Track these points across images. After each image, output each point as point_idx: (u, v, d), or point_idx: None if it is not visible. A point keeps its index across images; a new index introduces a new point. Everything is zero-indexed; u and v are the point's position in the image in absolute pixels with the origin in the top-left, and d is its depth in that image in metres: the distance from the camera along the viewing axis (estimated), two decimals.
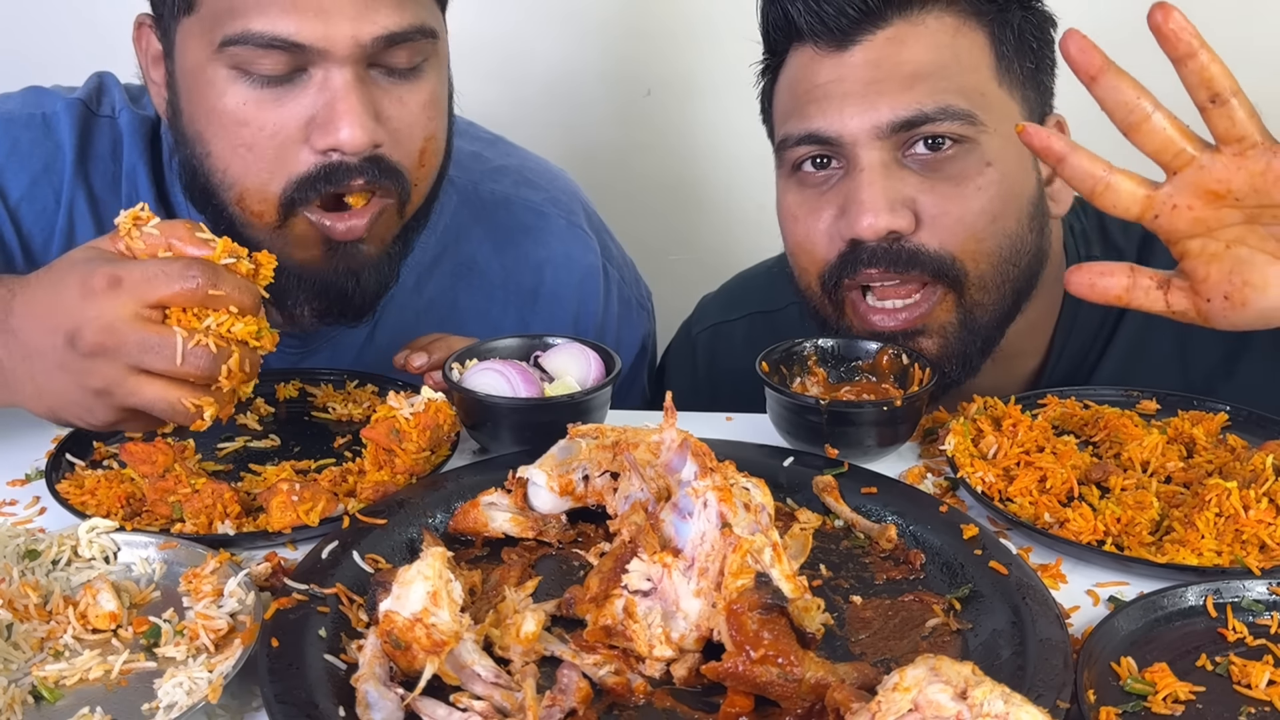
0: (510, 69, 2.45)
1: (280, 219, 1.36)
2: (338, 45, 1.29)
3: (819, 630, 0.89)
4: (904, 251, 1.38)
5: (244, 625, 0.95)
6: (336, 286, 1.40)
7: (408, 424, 1.18)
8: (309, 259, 1.39)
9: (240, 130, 1.33)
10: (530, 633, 0.89)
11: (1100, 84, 1.04)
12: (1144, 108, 1.03)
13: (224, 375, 1.09)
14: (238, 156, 1.34)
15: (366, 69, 1.33)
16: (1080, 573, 1.07)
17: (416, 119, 1.38)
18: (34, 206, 1.49)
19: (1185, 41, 1.01)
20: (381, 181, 1.35)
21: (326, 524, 1.10)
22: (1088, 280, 1.11)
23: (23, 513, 1.19)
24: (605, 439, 1.10)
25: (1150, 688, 0.87)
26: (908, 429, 1.26)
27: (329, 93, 1.31)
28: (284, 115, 1.32)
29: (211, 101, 1.33)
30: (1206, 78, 1.01)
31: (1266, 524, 1.05)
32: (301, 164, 1.33)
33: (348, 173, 1.33)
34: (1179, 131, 1.04)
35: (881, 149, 1.39)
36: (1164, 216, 1.06)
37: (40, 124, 1.50)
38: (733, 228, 2.47)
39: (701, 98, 2.45)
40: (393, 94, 1.36)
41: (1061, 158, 1.08)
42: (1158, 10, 1.01)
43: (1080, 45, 1.04)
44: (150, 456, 1.14)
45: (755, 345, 1.38)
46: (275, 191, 1.34)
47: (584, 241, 1.71)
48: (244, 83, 1.31)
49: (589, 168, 2.43)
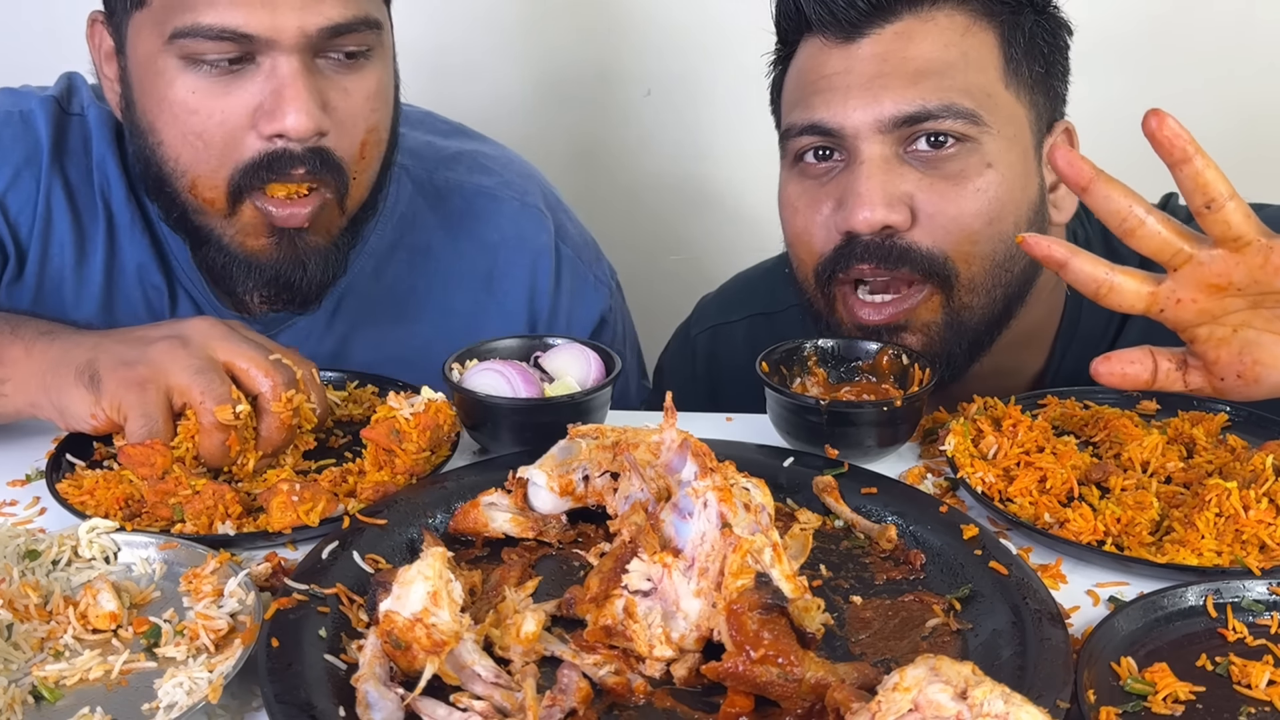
0: (509, 69, 2.45)
1: (229, 207, 1.41)
2: (284, 35, 1.33)
3: (819, 630, 0.89)
4: (896, 248, 1.38)
5: (244, 625, 0.95)
6: (284, 275, 1.45)
7: (408, 424, 1.18)
8: (258, 248, 1.44)
9: (190, 118, 1.37)
10: (530, 633, 0.89)
11: (1091, 194, 1.07)
12: (1137, 215, 1.06)
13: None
14: (188, 144, 1.39)
15: (313, 58, 1.37)
16: (1080, 573, 1.07)
17: (360, 109, 1.43)
18: (19, 197, 1.54)
19: (1180, 148, 1.03)
20: (322, 174, 1.40)
21: (326, 524, 1.10)
22: (1119, 370, 1.13)
23: (23, 513, 1.19)
24: (605, 439, 1.10)
25: (1150, 688, 0.87)
26: (908, 429, 1.26)
27: (276, 80, 1.35)
28: (232, 103, 1.36)
29: (162, 91, 1.38)
30: (1202, 183, 1.03)
31: (1266, 524, 1.05)
32: (248, 150, 1.37)
33: (290, 161, 1.37)
34: (1174, 233, 1.06)
35: (883, 143, 1.39)
36: (1169, 310, 1.09)
37: (19, 120, 1.56)
38: (733, 228, 2.47)
39: (701, 98, 2.45)
40: (338, 84, 1.40)
41: (1064, 263, 1.10)
42: (1152, 117, 1.03)
43: (1068, 158, 1.07)
44: (149, 459, 1.14)
45: (755, 347, 1.37)
46: (224, 178, 1.39)
47: (537, 221, 1.72)
48: (193, 72, 1.36)
49: (589, 168, 2.43)
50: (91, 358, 1.20)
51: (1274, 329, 1.08)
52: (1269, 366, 1.09)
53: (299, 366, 1.24)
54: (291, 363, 1.23)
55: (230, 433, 1.17)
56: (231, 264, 1.45)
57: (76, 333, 1.28)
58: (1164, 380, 1.14)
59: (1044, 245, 1.10)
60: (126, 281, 1.58)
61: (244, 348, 1.21)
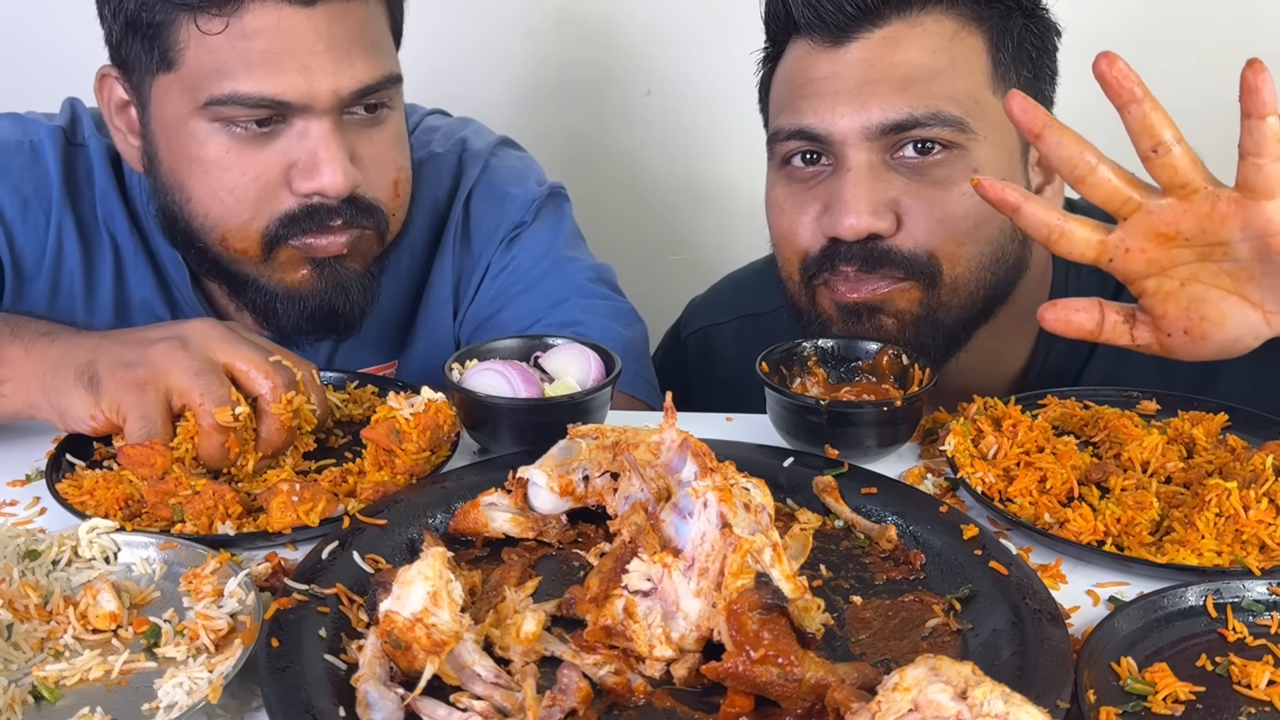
0: (510, 69, 2.45)
1: (264, 254, 1.44)
2: (319, 100, 1.37)
3: (819, 630, 0.89)
4: (879, 251, 1.40)
5: (244, 625, 0.95)
6: (328, 303, 1.48)
7: (408, 424, 1.18)
8: (298, 281, 1.46)
9: (222, 176, 1.40)
10: (530, 633, 0.89)
11: (1044, 140, 1.08)
12: (1088, 161, 1.07)
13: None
14: (219, 200, 1.41)
15: (340, 115, 1.40)
16: (1080, 573, 1.07)
17: (387, 155, 1.47)
18: (26, 226, 1.55)
19: (1128, 89, 1.04)
20: (358, 219, 1.44)
21: (326, 524, 1.10)
22: (1063, 317, 1.14)
23: (23, 513, 1.19)
24: (605, 439, 1.10)
25: (1150, 688, 0.87)
26: (908, 429, 1.26)
27: (310, 141, 1.39)
28: (265, 161, 1.39)
29: (193, 151, 1.40)
30: (1148, 125, 1.04)
31: (1266, 524, 1.05)
32: (283, 204, 1.41)
33: (328, 214, 1.41)
34: (1124, 181, 1.08)
35: (870, 150, 1.39)
36: (1118, 260, 1.10)
37: (29, 150, 1.57)
38: (732, 228, 2.46)
39: (701, 97, 2.45)
40: (365, 136, 1.44)
41: (1016, 208, 1.12)
42: (1102, 59, 1.04)
43: (1023, 105, 1.08)
44: (148, 459, 1.14)
45: (745, 348, 1.38)
46: (258, 230, 1.42)
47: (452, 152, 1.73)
48: (225, 134, 1.39)
49: (589, 167, 2.43)
50: (91, 359, 1.20)
51: (1221, 284, 1.09)
52: (1215, 324, 1.09)
53: (299, 368, 1.24)
54: (291, 364, 1.23)
55: (229, 434, 1.17)
56: (274, 300, 1.47)
57: (76, 334, 1.28)
58: (1110, 332, 1.14)
59: (997, 189, 1.12)
60: (134, 313, 1.59)
61: (244, 349, 1.21)
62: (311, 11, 1.35)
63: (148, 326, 1.29)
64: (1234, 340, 1.11)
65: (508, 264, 1.69)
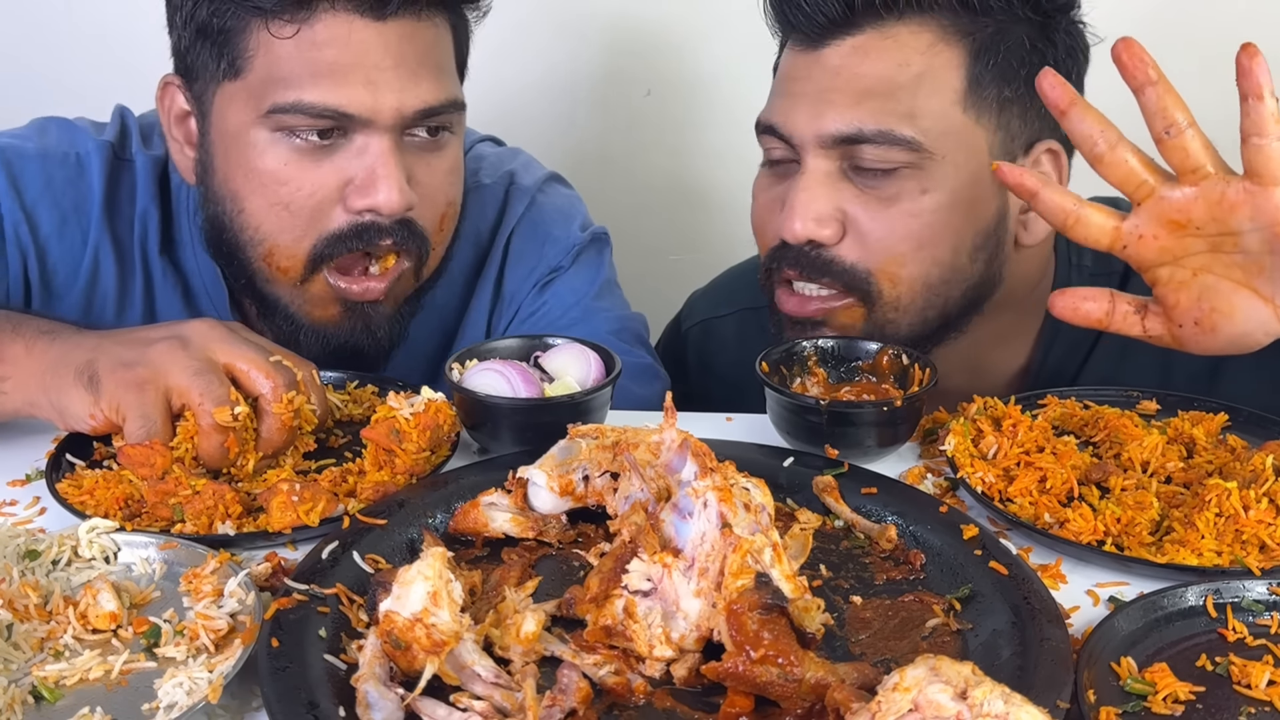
0: (510, 69, 2.45)
1: (304, 275, 1.43)
2: (382, 115, 1.37)
3: (819, 630, 0.89)
4: (820, 259, 1.41)
5: (244, 625, 0.95)
6: (353, 343, 1.48)
7: (408, 424, 1.18)
8: (326, 317, 1.47)
9: (279, 189, 1.39)
10: (530, 633, 0.89)
11: (1069, 117, 1.09)
12: (1108, 139, 1.08)
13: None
14: (273, 214, 1.41)
15: (401, 136, 1.40)
16: (1080, 573, 1.07)
17: (442, 184, 1.47)
18: (62, 244, 1.54)
19: (1143, 71, 1.05)
20: (408, 245, 1.43)
21: (326, 524, 1.10)
22: (1071, 304, 1.16)
23: (23, 513, 1.19)
24: (605, 439, 1.10)
25: (1150, 688, 0.87)
26: (908, 429, 1.26)
27: (369, 157, 1.38)
28: (323, 176, 1.39)
29: (252, 161, 1.40)
30: (1162, 107, 1.05)
31: (1266, 524, 1.05)
32: (334, 222, 1.40)
33: (378, 233, 1.40)
34: (1141, 164, 1.09)
35: (827, 157, 1.40)
36: (1132, 247, 1.11)
37: (75, 164, 1.55)
38: (733, 228, 2.45)
39: (701, 98, 2.45)
40: (422, 160, 1.44)
41: (1034, 193, 1.13)
42: (1120, 43, 1.06)
43: (1052, 81, 1.10)
44: (148, 459, 1.14)
45: (746, 341, 1.39)
46: (305, 248, 1.42)
47: (502, 195, 1.71)
48: (285, 145, 1.38)
49: (589, 168, 2.43)
50: (91, 358, 1.20)
51: (1232, 276, 1.09)
52: (1225, 315, 1.10)
53: (299, 368, 1.24)
54: (291, 364, 1.23)
55: (229, 434, 1.17)
56: (298, 332, 1.47)
57: (77, 333, 1.28)
58: (1120, 322, 1.15)
59: (1015, 174, 1.13)
60: None
61: (244, 349, 1.21)
62: (383, 27, 1.35)
63: (148, 326, 1.29)
64: (1244, 334, 1.11)
65: (538, 309, 1.67)
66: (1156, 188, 1.08)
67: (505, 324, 1.68)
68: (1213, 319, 1.10)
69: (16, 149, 1.54)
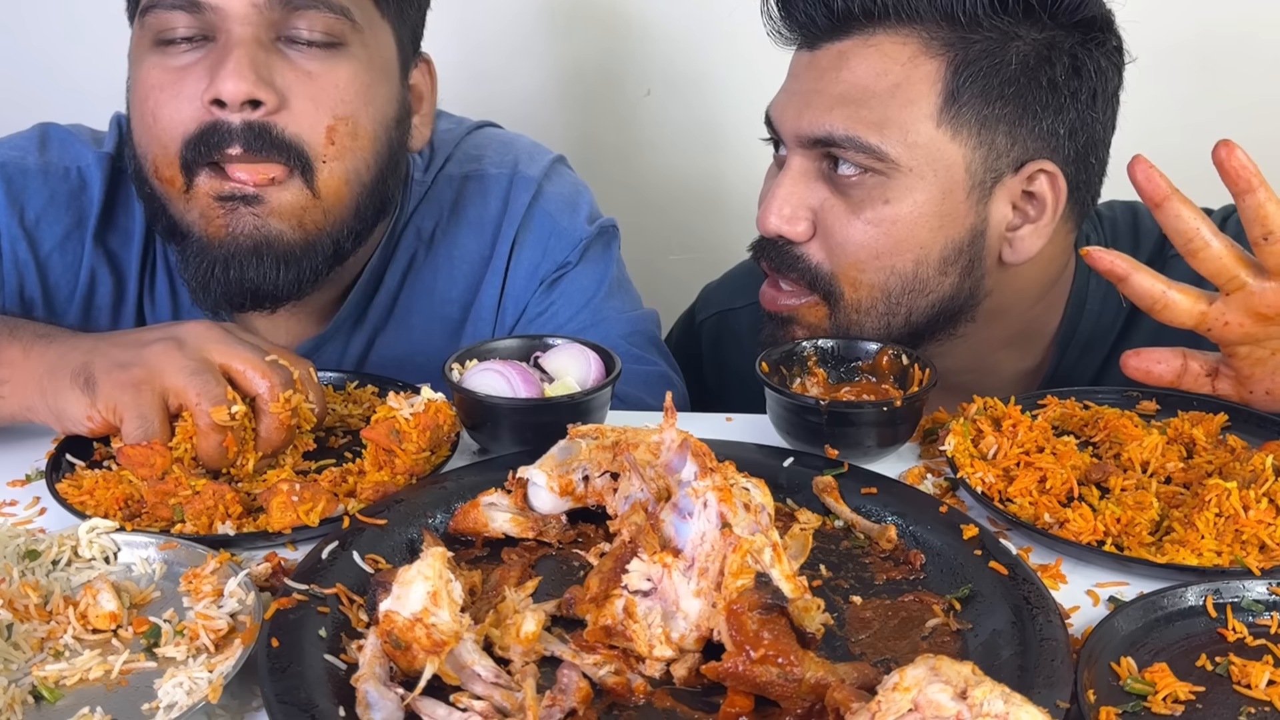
0: (510, 68, 2.45)
1: (185, 183, 1.40)
2: (233, 5, 1.35)
3: (819, 630, 0.89)
4: (788, 255, 1.45)
5: (244, 625, 0.95)
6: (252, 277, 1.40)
7: (408, 424, 1.18)
8: (215, 232, 1.40)
9: (150, 97, 1.40)
10: (530, 633, 0.89)
11: (1164, 210, 1.15)
12: (1204, 237, 1.15)
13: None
14: (146, 126, 1.41)
15: (274, 40, 1.38)
16: (1080, 573, 1.07)
17: (325, 93, 1.40)
18: (63, 259, 1.54)
19: (1245, 179, 1.11)
20: (267, 152, 1.37)
21: (326, 524, 1.10)
22: (1144, 367, 1.24)
23: (23, 513, 1.19)
24: (605, 439, 1.10)
25: (1150, 688, 0.87)
26: (908, 429, 1.26)
27: (220, 50, 1.36)
28: (185, 79, 1.38)
29: (136, 79, 1.43)
30: (1262, 215, 1.11)
31: (1266, 524, 1.05)
32: (192, 124, 1.38)
33: (227, 135, 1.36)
34: (1234, 259, 1.16)
35: (806, 156, 1.44)
36: (1216, 330, 1.19)
37: (77, 178, 1.56)
38: (733, 227, 2.46)
39: (701, 97, 2.45)
40: (299, 66, 1.40)
41: (1124, 278, 1.19)
42: (1222, 147, 1.11)
43: (1146, 173, 1.15)
44: (148, 459, 1.14)
45: (760, 333, 1.41)
46: (174, 153, 1.39)
47: (509, 187, 1.68)
48: (159, 53, 1.39)
49: (589, 167, 2.42)
50: (87, 361, 1.20)
51: None
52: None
53: (295, 366, 1.23)
54: (288, 363, 1.23)
55: (227, 434, 1.17)
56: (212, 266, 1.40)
57: (73, 336, 1.28)
58: (1191, 383, 1.24)
59: (1106, 261, 1.19)
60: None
61: (240, 349, 1.21)
62: None
63: (144, 328, 1.29)
64: None
65: (545, 309, 1.65)
66: (1248, 283, 1.15)
67: (512, 320, 1.66)
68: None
69: (18, 164, 1.53)
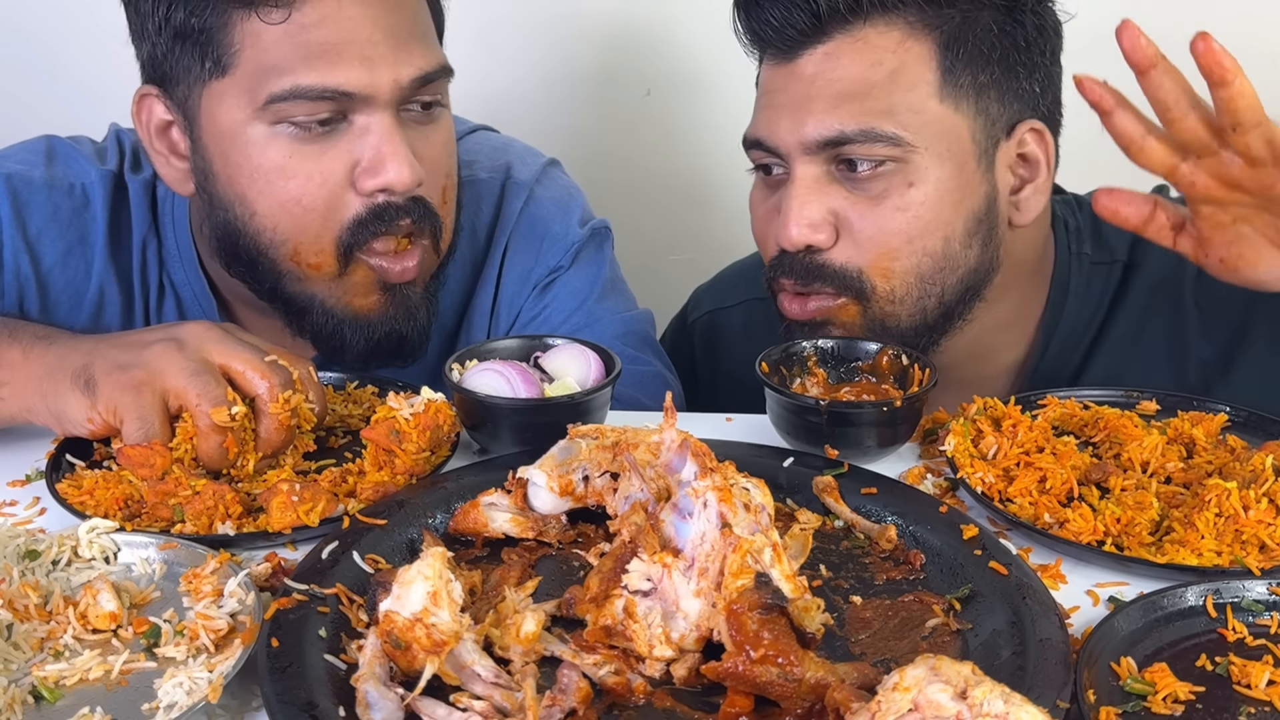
0: (510, 68, 2.45)
1: (340, 268, 1.40)
2: (381, 90, 1.35)
3: (819, 630, 0.89)
4: (813, 265, 1.43)
5: (244, 625, 0.95)
6: (397, 330, 1.45)
7: (408, 424, 1.18)
8: (368, 306, 1.44)
9: (287, 184, 1.37)
10: (530, 633, 0.89)
11: (1149, 78, 1.13)
12: (1183, 106, 1.13)
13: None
14: (286, 211, 1.38)
15: (399, 111, 1.38)
16: (1080, 573, 1.07)
17: (440, 157, 1.45)
18: (65, 274, 1.52)
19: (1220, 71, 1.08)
20: (423, 223, 1.41)
21: (326, 524, 1.10)
22: (1112, 206, 1.22)
23: (23, 513, 1.19)
24: (605, 439, 1.10)
25: (1150, 688, 0.87)
26: (908, 429, 1.26)
27: (373, 137, 1.36)
28: (329, 164, 1.36)
29: (254, 160, 1.37)
30: (1232, 107, 1.09)
31: (1266, 524, 1.05)
32: (350, 209, 1.38)
33: (396, 213, 1.38)
34: (1208, 129, 1.13)
35: (813, 163, 1.42)
36: (1183, 186, 1.17)
37: (80, 195, 1.54)
38: (732, 227, 2.46)
39: (701, 98, 2.45)
40: (421, 134, 1.42)
41: (1109, 111, 1.16)
42: (1199, 39, 1.09)
43: (1133, 40, 1.12)
44: (148, 460, 1.14)
45: (752, 332, 1.41)
46: (330, 240, 1.39)
47: (501, 190, 1.69)
48: (285, 137, 1.36)
49: (589, 167, 2.43)
50: (87, 362, 1.20)
51: (1266, 234, 1.17)
52: (1250, 263, 1.19)
53: (295, 366, 1.23)
54: (287, 363, 1.23)
55: (227, 434, 1.17)
56: (341, 326, 1.44)
57: (73, 338, 1.28)
58: (1155, 232, 1.22)
59: (1096, 91, 1.16)
60: None
61: (239, 350, 1.21)
62: (369, 0, 1.34)
63: (144, 329, 1.29)
64: (1261, 282, 1.20)
65: (539, 313, 1.65)
66: (1220, 152, 1.13)
67: (506, 324, 1.66)
68: (1236, 263, 1.19)
69: (24, 177, 1.52)
